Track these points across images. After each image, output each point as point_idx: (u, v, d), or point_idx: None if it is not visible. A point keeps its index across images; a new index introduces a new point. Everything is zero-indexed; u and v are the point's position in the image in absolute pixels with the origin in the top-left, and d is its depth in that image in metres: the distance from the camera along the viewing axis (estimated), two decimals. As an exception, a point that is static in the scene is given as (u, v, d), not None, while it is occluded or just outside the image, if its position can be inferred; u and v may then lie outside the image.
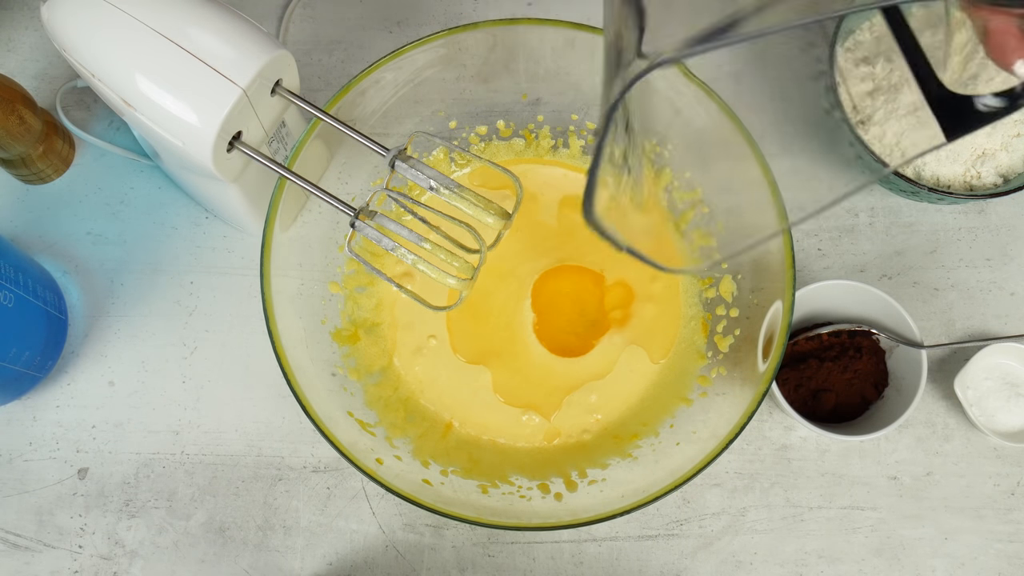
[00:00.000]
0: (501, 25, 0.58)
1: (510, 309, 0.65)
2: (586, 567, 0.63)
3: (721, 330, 0.62)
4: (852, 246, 0.69)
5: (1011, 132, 0.63)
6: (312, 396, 0.54)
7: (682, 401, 0.61)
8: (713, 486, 0.64)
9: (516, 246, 0.66)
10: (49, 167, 0.69)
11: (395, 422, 0.61)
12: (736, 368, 0.59)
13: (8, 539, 0.64)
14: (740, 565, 0.63)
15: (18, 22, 0.75)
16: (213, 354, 0.67)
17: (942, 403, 0.66)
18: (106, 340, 0.67)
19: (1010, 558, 0.63)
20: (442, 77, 0.61)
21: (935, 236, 0.69)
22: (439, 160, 0.68)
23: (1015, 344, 0.64)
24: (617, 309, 0.65)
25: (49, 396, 0.66)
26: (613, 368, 0.64)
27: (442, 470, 0.58)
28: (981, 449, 0.65)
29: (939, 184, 0.63)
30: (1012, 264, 0.69)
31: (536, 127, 0.67)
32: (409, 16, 0.75)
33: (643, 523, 0.64)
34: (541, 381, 0.64)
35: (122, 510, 0.64)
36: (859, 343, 0.64)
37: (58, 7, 0.52)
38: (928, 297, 0.68)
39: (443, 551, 0.63)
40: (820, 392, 0.64)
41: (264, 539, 0.64)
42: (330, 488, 0.64)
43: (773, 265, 0.57)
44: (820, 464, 0.65)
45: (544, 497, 0.58)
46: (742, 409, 0.54)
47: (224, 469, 0.65)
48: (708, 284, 0.64)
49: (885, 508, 0.64)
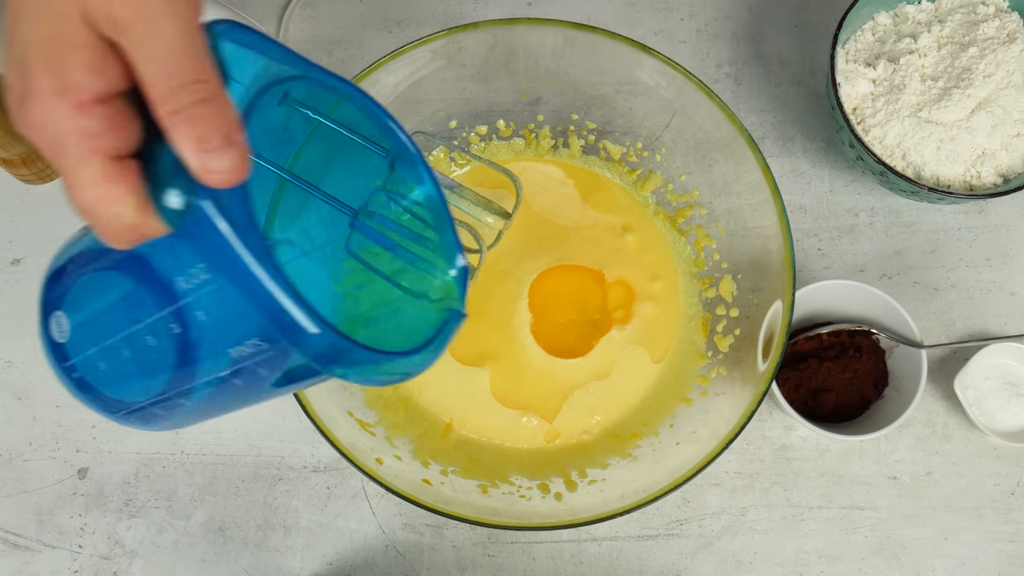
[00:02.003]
0: (501, 25, 0.58)
1: (508, 309, 0.65)
2: (586, 567, 0.63)
3: (721, 330, 0.62)
4: (852, 246, 0.69)
5: (1011, 132, 0.63)
6: (312, 396, 0.54)
7: (682, 401, 0.61)
8: (713, 486, 0.64)
9: (514, 245, 0.66)
10: (49, 167, 0.69)
11: (395, 422, 0.61)
12: (736, 368, 0.59)
13: (8, 539, 0.64)
14: (740, 565, 0.63)
15: (18, 22, 0.75)
16: (213, 354, 0.67)
17: (942, 403, 0.66)
18: (106, 340, 0.67)
19: (1010, 558, 0.63)
20: (442, 77, 0.62)
21: (935, 236, 0.69)
22: (439, 160, 0.68)
23: (1015, 344, 0.64)
24: (618, 309, 0.65)
25: (49, 396, 0.66)
26: (614, 369, 0.64)
27: (442, 470, 0.58)
28: (981, 449, 0.65)
29: (939, 184, 0.63)
30: (1012, 264, 0.69)
31: (536, 127, 0.67)
32: (409, 16, 0.75)
33: (643, 523, 0.64)
34: (540, 383, 0.64)
35: (122, 510, 0.64)
36: (859, 343, 0.64)
37: (58, 7, 0.52)
38: (928, 297, 0.68)
39: (443, 551, 0.63)
40: (820, 392, 0.64)
41: (264, 539, 0.64)
42: (330, 488, 0.64)
43: (773, 265, 0.57)
44: (820, 464, 0.65)
45: (544, 497, 0.58)
46: (742, 409, 0.54)
47: (224, 469, 0.65)
48: (708, 284, 0.64)
49: (885, 508, 0.64)
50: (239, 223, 0.28)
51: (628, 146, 0.66)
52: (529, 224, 0.67)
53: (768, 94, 0.73)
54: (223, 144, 0.26)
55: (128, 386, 0.36)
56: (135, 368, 0.35)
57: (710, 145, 0.61)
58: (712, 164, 0.61)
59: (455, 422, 0.63)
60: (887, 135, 0.63)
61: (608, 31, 0.58)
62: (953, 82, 0.63)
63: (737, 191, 0.60)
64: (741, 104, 0.72)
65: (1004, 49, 0.63)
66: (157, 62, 0.26)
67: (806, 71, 0.73)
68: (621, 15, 0.75)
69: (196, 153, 0.26)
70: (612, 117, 0.65)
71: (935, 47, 0.65)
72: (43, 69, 0.26)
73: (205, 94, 0.27)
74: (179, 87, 0.26)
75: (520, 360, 0.64)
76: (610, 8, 0.75)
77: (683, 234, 0.66)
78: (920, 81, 0.64)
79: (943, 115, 0.63)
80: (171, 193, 0.28)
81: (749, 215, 0.59)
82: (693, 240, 0.65)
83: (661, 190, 0.66)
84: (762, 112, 0.72)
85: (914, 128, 0.63)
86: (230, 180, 0.27)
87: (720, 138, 0.59)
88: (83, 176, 0.27)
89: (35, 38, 0.27)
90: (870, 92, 0.65)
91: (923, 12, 0.67)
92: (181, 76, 0.26)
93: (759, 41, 0.74)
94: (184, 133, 0.26)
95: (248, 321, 0.30)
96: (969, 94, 0.62)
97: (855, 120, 0.65)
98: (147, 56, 0.26)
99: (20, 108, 0.27)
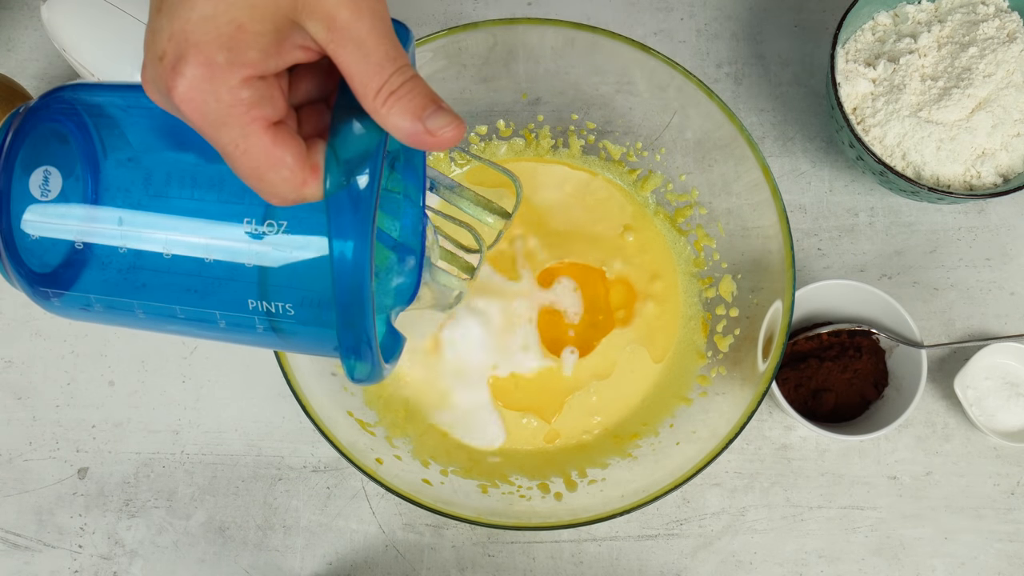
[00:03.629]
0: (501, 25, 0.58)
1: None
2: (586, 567, 0.63)
3: (721, 330, 0.62)
4: (852, 246, 0.69)
5: (1011, 132, 0.63)
6: (312, 396, 0.54)
7: (682, 401, 0.61)
8: (713, 486, 0.64)
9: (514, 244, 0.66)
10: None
11: (395, 422, 0.61)
12: (736, 368, 0.59)
13: (8, 539, 0.64)
14: (740, 565, 0.63)
15: (18, 22, 0.75)
16: (213, 354, 0.67)
17: (942, 403, 0.66)
18: (106, 339, 0.67)
19: (1010, 558, 0.63)
20: (442, 77, 0.62)
21: (935, 236, 0.69)
22: (439, 159, 0.68)
23: (1015, 344, 0.64)
24: (620, 308, 0.65)
25: (49, 396, 0.66)
26: (615, 369, 0.64)
27: (442, 470, 0.58)
28: (981, 449, 0.65)
29: (939, 184, 0.63)
30: (1012, 264, 0.69)
31: (536, 127, 0.67)
32: (409, 16, 0.75)
33: (643, 523, 0.64)
34: (541, 384, 0.64)
35: (122, 510, 0.64)
36: (859, 343, 0.64)
37: (58, 7, 0.52)
38: (928, 297, 0.68)
39: (443, 551, 0.63)
40: (820, 392, 0.64)
41: (264, 539, 0.64)
42: (330, 488, 0.64)
43: (773, 265, 0.57)
44: (820, 464, 0.65)
45: (544, 497, 0.58)
46: (742, 409, 0.54)
47: (224, 469, 0.65)
48: (708, 284, 0.64)
49: (885, 508, 0.64)
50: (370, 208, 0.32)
51: (628, 146, 0.66)
52: (530, 224, 0.67)
53: (768, 94, 0.73)
54: (438, 109, 0.31)
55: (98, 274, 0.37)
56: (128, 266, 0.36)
57: (710, 145, 0.61)
58: (712, 164, 0.62)
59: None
60: (887, 135, 0.63)
61: (608, 31, 0.58)
62: (953, 82, 0.63)
63: (737, 191, 0.60)
64: (741, 104, 0.72)
65: (1004, 49, 0.63)
66: (375, 52, 0.30)
67: (806, 71, 0.73)
68: (621, 15, 0.75)
69: (417, 122, 0.30)
70: (612, 117, 0.65)
71: (935, 47, 0.65)
72: (219, 46, 0.29)
73: (411, 72, 0.31)
74: (394, 71, 0.30)
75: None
76: (610, 8, 0.75)
77: (683, 234, 0.66)
78: (920, 81, 0.64)
79: (943, 115, 0.63)
80: (347, 165, 0.31)
81: (749, 215, 0.59)
82: (693, 240, 0.65)
83: (661, 190, 0.66)
84: (762, 112, 0.72)
85: (914, 128, 0.63)
86: (457, 136, 0.31)
87: (720, 138, 0.59)
88: (251, 143, 0.30)
89: (222, 18, 0.29)
90: (870, 92, 0.65)
91: (923, 12, 0.67)
92: (395, 61, 0.30)
93: (759, 41, 0.74)
94: (403, 108, 0.30)
95: (309, 286, 0.34)
96: (969, 94, 0.62)
97: (855, 120, 0.65)
98: (366, 50, 0.30)
99: (172, 81, 0.29)
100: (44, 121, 0.36)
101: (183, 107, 0.30)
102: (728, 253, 0.63)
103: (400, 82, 0.30)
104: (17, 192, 0.36)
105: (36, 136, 0.36)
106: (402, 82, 0.30)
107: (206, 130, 0.30)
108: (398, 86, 0.30)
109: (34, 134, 0.36)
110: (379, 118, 0.31)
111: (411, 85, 0.31)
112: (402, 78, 0.30)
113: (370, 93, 0.30)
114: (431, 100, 0.31)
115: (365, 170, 0.32)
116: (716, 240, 0.64)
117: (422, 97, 0.31)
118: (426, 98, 0.31)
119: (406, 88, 0.30)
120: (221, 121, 0.30)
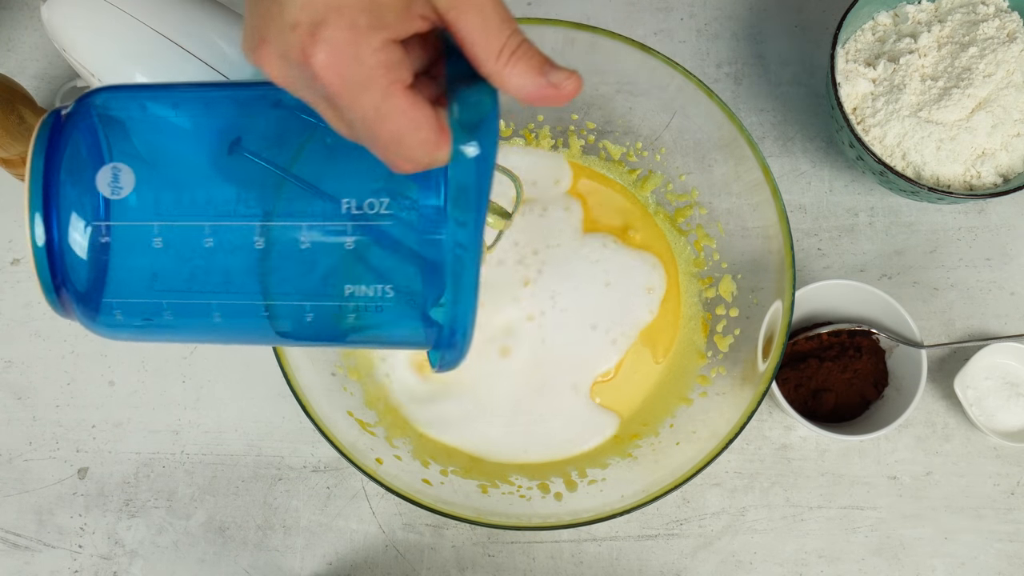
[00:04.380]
0: (501, 25, 0.58)
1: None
2: (586, 567, 0.63)
3: (721, 330, 0.62)
4: (852, 246, 0.69)
5: (1011, 132, 0.63)
6: (312, 396, 0.54)
7: (682, 401, 0.61)
8: (713, 486, 0.64)
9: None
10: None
11: (395, 422, 0.61)
12: (736, 368, 0.59)
13: (8, 539, 0.64)
14: (740, 565, 0.63)
15: (18, 22, 0.75)
16: (213, 354, 0.67)
17: (942, 403, 0.66)
18: (106, 340, 0.67)
19: (1010, 558, 0.63)
20: (442, 77, 0.61)
21: (935, 236, 0.69)
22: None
23: (1015, 344, 0.64)
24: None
25: (49, 396, 0.66)
26: (618, 370, 0.64)
27: (442, 470, 0.58)
28: (981, 449, 0.65)
29: (939, 184, 0.63)
30: (1012, 264, 0.69)
31: (536, 127, 0.67)
32: (409, 16, 0.75)
33: (643, 523, 0.64)
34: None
35: (122, 510, 0.64)
36: (859, 343, 0.64)
37: (58, 7, 0.52)
38: (928, 297, 0.68)
39: (443, 551, 0.63)
40: (820, 392, 0.64)
41: (264, 539, 0.64)
42: (330, 488, 0.64)
43: (773, 265, 0.57)
44: (820, 464, 0.65)
45: (544, 497, 0.58)
46: (742, 409, 0.54)
47: (224, 469, 0.65)
48: (708, 284, 0.64)
49: (885, 508, 0.64)
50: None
51: (628, 146, 0.66)
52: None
53: (768, 94, 0.73)
54: (553, 67, 0.32)
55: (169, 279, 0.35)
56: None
57: (710, 145, 0.61)
58: (712, 164, 0.61)
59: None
60: (887, 135, 0.63)
61: (608, 31, 0.58)
62: (953, 82, 0.63)
63: (737, 191, 0.60)
64: (741, 104, 0.72)
65: (1004, 49, 0.63)
66: (494, 16, 0.31)
67: (806, 71, 0.73)
68: (621, 15, 0.75)
69: (540, 77, 0.32)
70: (612, 117, 0.65)
71: (935, 47, 0.65)
72: (360, 9, 0.29)
73: (524, 34, 0.32)
74: (511, 33, 0.31)
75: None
76: (610, 8, 0.75)
77: (683, 234, 0.66)
78: (920, 81, 0.64)
79: (943, 115, 0.63)
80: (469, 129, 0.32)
81: (749, 215, 0.59)
82: (693, 240, 0.65)
83: (661, 190, 0.66)
84: (762, 112, 0.72)
85: (914, 128, 0.63)
86: (578, 87, 0.32)
87: (720, 138, 0.59)
88: (392, 105, 0.30)
89: None
90: (870, 92, 0.65)
91: (923, 12, 0.67)
92: (509, 23, 0.31)
93: (759, 41, 0.74)
94: (526, 67, 0.31)
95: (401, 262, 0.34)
96: (969, 94, 0.62)
97: (855, 120, 0.65)
98: (486, 14, 0.31)
99: (311, 47, 0.29)
100: (102, 123, 0.35)
101: (323, 72, 0.30)
102: (728, 253, 0.63)
103: (518, 42, 0.31)
104: (82, 194, 0.35)
105: (87, 136, 0.35)
106: (520, 42, 0.31)
107: (344, 96, 0.30)
108: (516, 46, 0.31)
109: (85, 135, 0.35)
110: (500, 79, 0.32)
111: (527, 45, 0.32)
112: (519, 38, 0.31)
113: (492, 55, 0.31)
114: (545, 57, 0.32)
115: (484, 134, 0.32)
116: (716, 240, 0.64)
117: (539, 55, 0.32)
118: (541, 56, 0.32)
119: (524, 48, 0.31)
120: (363, 85, 0.30)
